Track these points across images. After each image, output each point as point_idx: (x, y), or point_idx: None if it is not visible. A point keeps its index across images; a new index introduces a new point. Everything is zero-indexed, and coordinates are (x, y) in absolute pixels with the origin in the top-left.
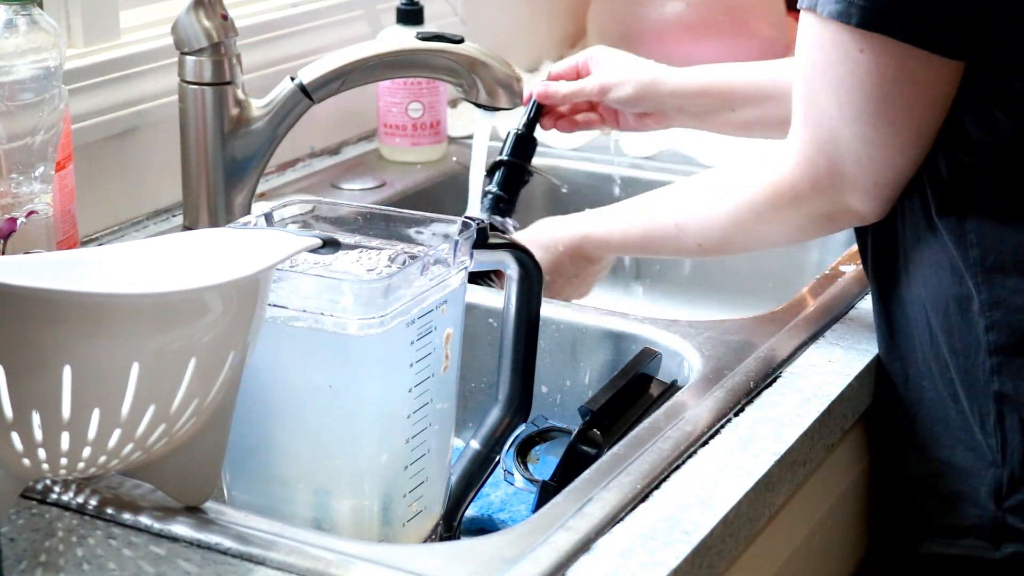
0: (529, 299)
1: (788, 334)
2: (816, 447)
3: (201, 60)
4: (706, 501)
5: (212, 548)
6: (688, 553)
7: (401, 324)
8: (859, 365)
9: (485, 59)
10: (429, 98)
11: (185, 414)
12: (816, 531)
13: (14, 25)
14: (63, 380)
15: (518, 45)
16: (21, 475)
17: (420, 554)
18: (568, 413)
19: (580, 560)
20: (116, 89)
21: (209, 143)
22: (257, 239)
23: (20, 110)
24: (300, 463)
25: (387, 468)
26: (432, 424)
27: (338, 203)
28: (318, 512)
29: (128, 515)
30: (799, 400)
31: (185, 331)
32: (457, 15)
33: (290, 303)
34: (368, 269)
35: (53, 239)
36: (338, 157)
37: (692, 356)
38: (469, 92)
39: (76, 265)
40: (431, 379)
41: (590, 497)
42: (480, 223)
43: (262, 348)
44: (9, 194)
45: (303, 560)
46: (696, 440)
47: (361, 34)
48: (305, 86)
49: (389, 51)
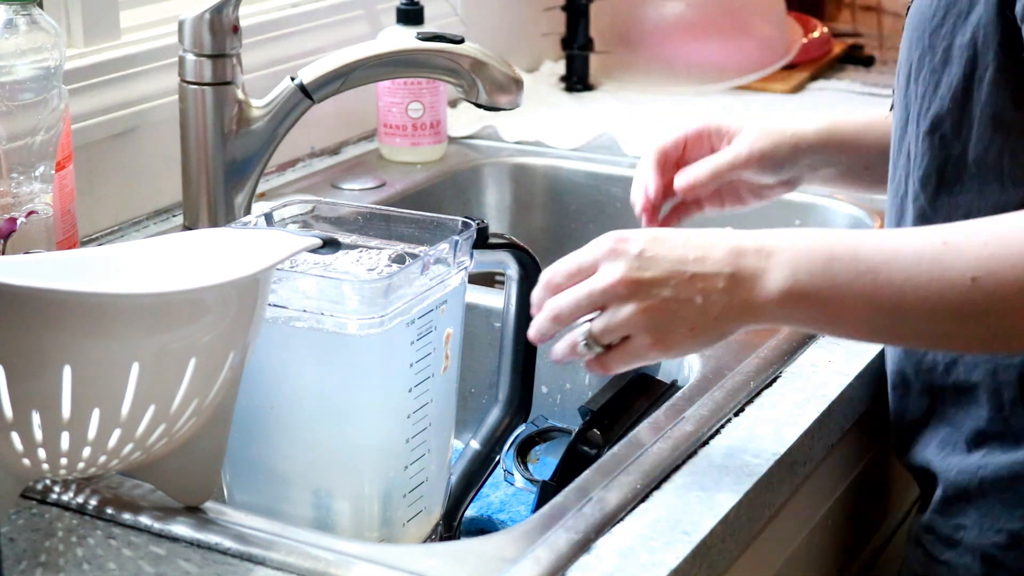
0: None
1: (788, 334)
2: (816, 447)
3: (201, 60)
4: (706, 501)
5: (212, 548)
6: (688, 553)
7: (401, 324)
8: (859, 365)
9: (485, 59)
10: (429, 98)
11: (185, 414)
12: (816, 531)
13: (14, 25)
14: (63, 380)
15: (518, 45)
16: (21, 475)
17: (420, 554)
18: (568, 413)
19: (580, 560)
20: (116, 89)
21: (209, 143)
22: (257, 239)
23: (20, 110)
24: (300, 463)
25: (387, 468)
26: (432, 424)
27: (338, 203)
28: (318, 512)
29: (128, 515)
30: (799, 400)
31: (185, 331)
32: (457, 15)
33: (290, 303)
34: (368, 269)
35: (53, 239)
36: (338, 157)
37: (692, 356)
38: (469, 92)
39: (76, 265)
40: (431, 379)
41: (590, 497)
42: (480, 223)
43: (262, 348)
44: (9, 194)
45: (303, 560)
46: (696, 440)
47: (361, 34)
48: (305, 86)
49: (389, 51)
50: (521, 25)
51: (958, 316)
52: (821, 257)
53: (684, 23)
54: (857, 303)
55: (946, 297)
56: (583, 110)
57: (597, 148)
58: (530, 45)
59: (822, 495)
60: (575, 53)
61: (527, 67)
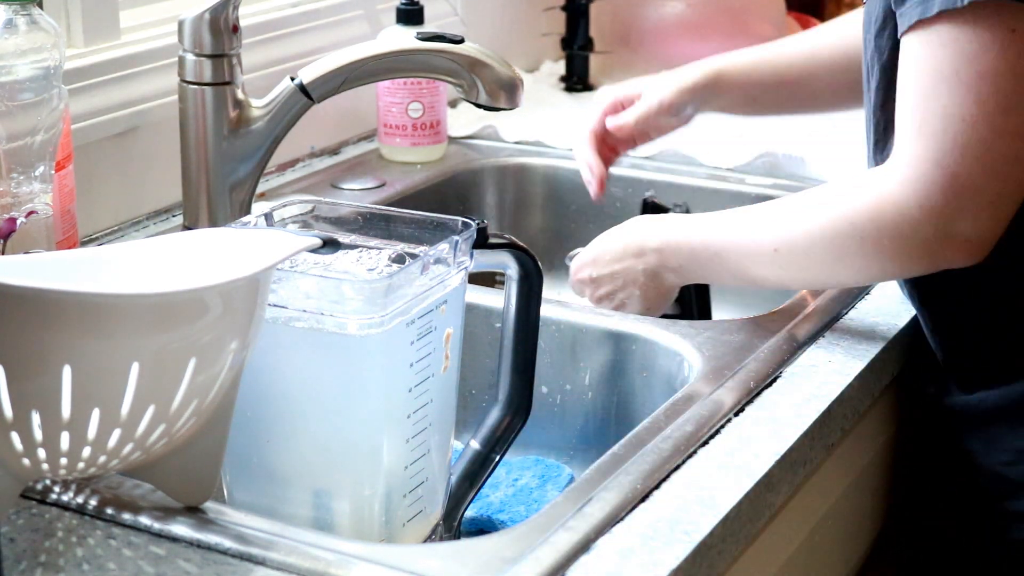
0: (529, 299)
1: (788, 334)
2: (816, 447)
3: (201, 60)
4: (706, 501)
5: (212, 548)
6: (688, 553)
7: (401, 324)
8: (859, 365)
9: (485, 59)
10: (429, 98)
11: (185, 414)
12: (816, 531)
13: (14, 25)
14: (63, 380)
15: (518, 45)
16: (21, 475)
17: (420, 554)
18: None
19: (580, 560)
20: (116, 89)
21: (209, 143)
22: (257, 239)
23: (20, 110)
24: (300, 463)
25: (387, 468)
26: (432, 424)
27: (338, 203)
28: (318, 512)
29: (128, 515)
30: (799, 400)
31: (185, 331)
32: (457, 15)
33: (290, 303)
34: (368, 269)
35: (53, 239)
36: (338, 157)
37: (692, 356)
38: (469, 92)
39: (76, 265)
40: (431, 379)
41: (590, 497)
42: (480, 223)
43: (262, 348)
44: (9, 194)
45: (303, 560)
46: (696, 440)
47: (361, 34)
48: (305, 86)
49: (389, 51)
50: (521, 25)
51: (773, 277)
52: (687, 249)
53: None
54: (720, 276)
55: (764, 264)
56: (583, 110)
57: None
58: (530, 45)
59: (822, 495)
60: (575, 53)
61: (527, 67)
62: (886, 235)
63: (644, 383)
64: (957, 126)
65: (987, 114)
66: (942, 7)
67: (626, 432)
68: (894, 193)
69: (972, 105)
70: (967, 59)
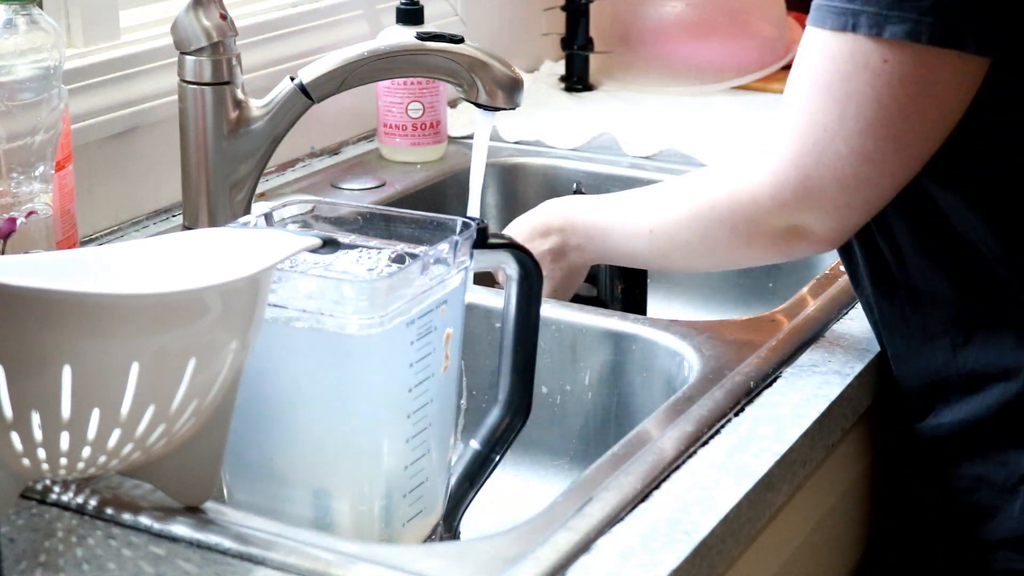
0: (529, 299)
1: (788, 334)
2: (816, 447)
3: (201, 60)
4: (706, 501)
5: (212, 548)
6: (688, 553)
7: (401, 324)
8: (859, 365)
9: (485, 59)
10: (429, 98)
11: (185, 414)
12: (816, 531)
13: (14, 25)
14: (63, 380)
15: (518, 45)
16: (21, 475)
17: (420, 554)
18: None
19: (580, 560)
20: (116, 89)
21: (209, 143)
22: (257, 239)
23: (20, 110)
24: (300, 463)
25: (387, 468)
26: (432, 424)
27: (338, 203)
28: (318, 512)
29: (128, 515)
30: (799, 400)
31: (185, 331)
32: (457, 15)
33: (290, 303)
34: (368, 269)
35: (53, 239)
36: (338, 157)
37: (692, 356)
38: (469, 92)
39: (76, 265)
40: (431, 379)
41: (590, 497)
42: (480, 223)
43: (262, 348)
44: (9, 194)
45: (303, 560)
46: (696, 440)
47: (361, 34)
48: (305, 86)
49: (389, 51)
50: (521, 25)
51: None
52: (582, 228)
53: (684, 23)
54: (612, 255)
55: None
56: (583, 110)
57: (597, 148)
58: (530, 45)
59: (822, 495)
60: (575, 53)
61: (527, 67)
62: (741, 220)
63: (644, 383)
64: (819, 134)
65: (846, 133)
66: (832, 26)
67: (626, 432)
68: (753, 183)
69: (836, 120)
70: (841, 77)
